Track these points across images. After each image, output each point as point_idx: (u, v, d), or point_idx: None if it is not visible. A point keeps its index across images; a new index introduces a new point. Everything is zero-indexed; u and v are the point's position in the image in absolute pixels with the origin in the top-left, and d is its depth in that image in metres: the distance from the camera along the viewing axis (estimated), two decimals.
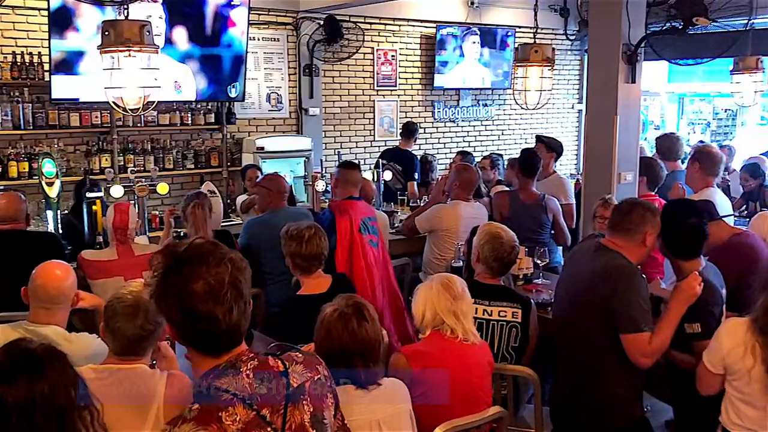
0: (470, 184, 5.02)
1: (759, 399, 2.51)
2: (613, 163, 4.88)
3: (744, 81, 5.29)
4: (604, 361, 2.95)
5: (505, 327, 3.31)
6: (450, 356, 2.80)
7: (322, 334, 2.38)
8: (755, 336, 2.50)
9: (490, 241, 3.40)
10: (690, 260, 3.00)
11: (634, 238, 2.95)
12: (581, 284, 3.02)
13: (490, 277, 3.43)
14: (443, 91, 8.79)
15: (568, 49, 9.62)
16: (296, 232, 3.35)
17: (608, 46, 4.85)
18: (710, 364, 2.64)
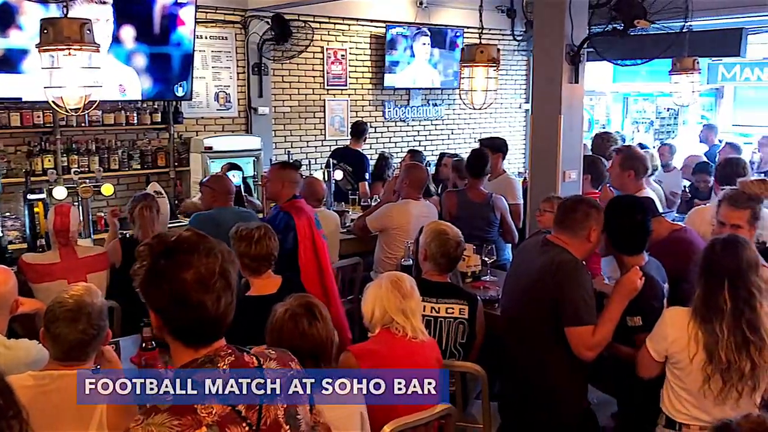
0: (420, 183, 5.07)
1: (701, 387, 2.59)
2: (558, 162, 4.98)
3: (682, 81, 5.46)
4: (550, 355, 3.00)
5: (452, 324, 3.36)
6: (399, 354, 2.82)
7: (274, 334, 2.36)
8: (697, 325, 2.60)
9: (436, 238, 3.45)
10: (634, 256, 3.07)
11: (579, 234, 3.01)
12: (528, 280, 3.07)
13: (438, 275, 3.47)
14: (393, 91, 8.83)
15: (515, 50, 9.77)
16: (245, 233, 3.32)
17: (552, 46, 4.95)
18: (654, 352, 2.72)
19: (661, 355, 2.71)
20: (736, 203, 3.31)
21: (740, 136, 11.49)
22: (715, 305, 2.57)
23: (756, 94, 15.48)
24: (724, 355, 2.53)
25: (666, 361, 2.72)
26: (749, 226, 3.28)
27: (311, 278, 4.18)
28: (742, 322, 2.54)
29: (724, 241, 2.68)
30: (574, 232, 3.02)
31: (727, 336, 2.54)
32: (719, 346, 2.54)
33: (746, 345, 2.53)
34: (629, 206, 3.23)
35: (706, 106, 16.49)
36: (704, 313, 2.59)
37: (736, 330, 2.54)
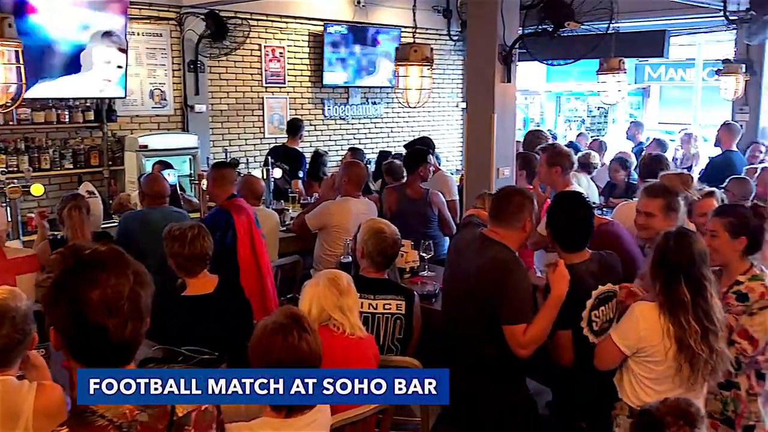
0: (359, 181, 5.10)
1: (673, 376, 2.70)
2: (492, 159, 5.10)
3: (609, 81, 5.66)
4: (489, 350, 3.04)
5: (390, 319, 3.38)
6: (337, 351, 2.82)
7: (260, 350, 2.21)
8: (667, 318, 2.69)
9: (373, 236, 3.46)
10: (576, 252, 3.12)
11: (515, 226, 3.05)
12: (469, 278, 3.09)
13: (375, 272, 3.49)
14: (333, 89, 8.84)
15: (451, 50, 9.92)
16: (179, 233, 3.26)
17: (485, 47, 5.06)
18: (625, 347, 2.77)
19: (632, 349, 2.76)
20: (650, 192, 3.45)
21: (665, 134, 11.93)
22: (677, 298, 2.67)
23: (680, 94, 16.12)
24: (694, 344, 2.64)
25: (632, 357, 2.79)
26: (663, 215, 3.40)
27: (250, 277, 4.18)
28: (699, 312, 2.66)
29: (676, 235, 2.77)
30: (510, 224, 3.06)
31: (690, 326, 2.65)
32: (687, 336, 2.65)
33: (706, 333, 2.65)
34: (572, 202, 3.27)
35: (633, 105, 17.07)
36: (670, 306, 2.69)
37: (697, 320, 2.65)
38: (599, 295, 3.06)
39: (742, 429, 3.04)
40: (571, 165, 4.52)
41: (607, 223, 3.88)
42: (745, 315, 3.01)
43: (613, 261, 3.20)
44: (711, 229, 3.11)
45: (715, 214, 3.17)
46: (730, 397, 3.05)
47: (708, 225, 3.16)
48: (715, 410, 3.03)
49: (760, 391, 3.09)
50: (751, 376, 3.07)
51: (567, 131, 15.81)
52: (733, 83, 7.51)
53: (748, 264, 3.11)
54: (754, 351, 3.00)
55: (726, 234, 3.07)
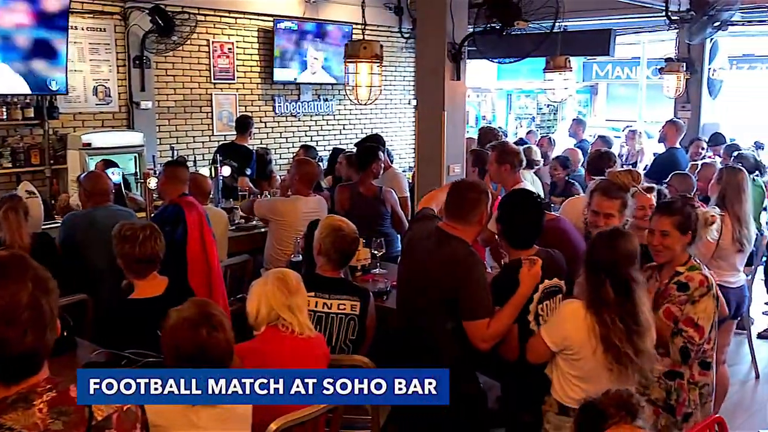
0: (310, 178, 5.08)
1: (599, 375, 2.73)
2: (443, 157, 5.13)
3: (555, 79, 5.75)
4: (445, 346, 3.04)
5: (344, 320, 3.36)
6: (286, 351, 2.80)
7: (170, 344, 2.21)
8: (591, 317, 2.73)
9: (331, 233, 3.43)
10: (525, 250, 3.15)
11: (471, 220, 3.07)
12: (426, 271, 3.08)
13: (331, 270, 3.46)
14: (283, 86, 8.76)
15: (403, 47, 9.92)
16: (130, 233, 3.16)
17: (435, 44, 5.08)
18: (551, 344, 2.81)
19: (558, 346, 2.81)
20: (608, 193, 3.50)
21: (612, 130, 12.20)
22: (602, 296, 2.71)
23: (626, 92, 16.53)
24: (618, 341, 2.68)
25: (560, 354, 2.83)
26: (620, 214, 3.49)
27: (198, 276, 4.11)
28: (624, 312, 2.70)
29: (604, 235, 2.83)
30: (466, 218, 3.07)
31: (615, 325, 2.69)
32: (611, 334, 2.69)
33: (630, 333, 2.70)
34: (523, 201, 3.30)
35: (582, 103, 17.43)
36: (595, 305, 2.73)
37: (621, 319, 2.70)
38: (545, 289, 3.10)
39: (682, 416, 3.13)
40: (520, 163, 4.58)
41: (555, 219, 3.93)
42: (688, 304, 3.10)
43: (558, 257, 3.24)
44: (661, 229, 3.16)
45: (662, 213, 3.21)
46: (674, 386, 3.13)
47: (655, 224, 3.21)
48: (659, 398, 3.10)
49: (701, 380, 3.19)
50: (693, 365, 3.16)
51: (518, 128, 16.04)
52: (675, 81, 7.72)
53: (687, 255, 3.20)
54: (701, 338, 3.08)
55: (677, 232, 3.14)
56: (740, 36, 10.57)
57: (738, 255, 4.38)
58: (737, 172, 4.47)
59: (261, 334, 2.86)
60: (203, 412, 2.24)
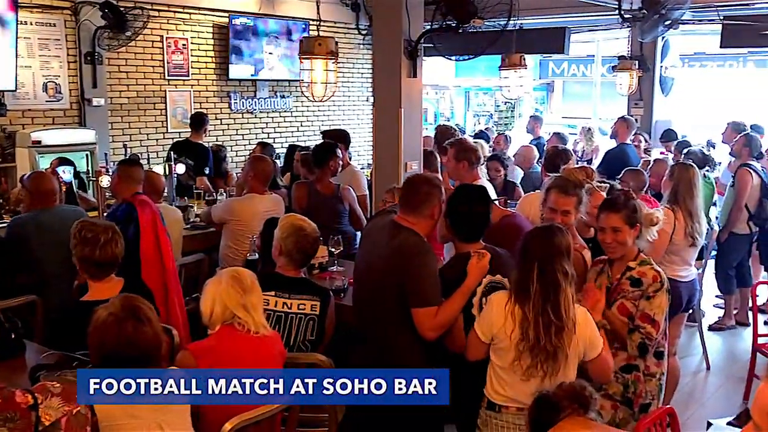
0: (266, 176, 5.02)
1: (511, 363, 2.75)
2: (400, 153, 5.13)
3: (511, 76, 5.80)
4: (400, 337, 3.04)
5: (303, 320, 3.35)
6: (241, 350, 2.79)
7: (96, 340, 2.24)
8: (513, 306, 2.75)
9: (293, 233, 3.41)
10: (472, 243, 3.19)
11: (424, 213, 3.08)
12: (379, 263, 3.10)
13: (292, 270, 3.45)
14: (239, 82, 8.66)
15: (360, 44, 9.91)
16: (91, 236, 3.09)
17: (391, 41, 5.08)
18: (481, 333, 2.84)
19: (488, 336, 2.83)
20: (565, 191, 3.52)
21: (569, 127, 12.38)
22: (526, 288, 2.73)
23: (581, 89, 16.82)
24: (533, 333, 2.70)
25: (491, 346, 2.85)
26: (575, 210, 3.53)
27: (153, 276, 4.03)
28: (548, 305, 2.71)
29: (539, 230, 2.87)
30: (419, 212, 3.08)
31: (535, 317, 2.71)
32: (529, 325, 2.71)
33: (550, 327, 2.70)
34: (471, 195, 3.32)
35: (539, 100, 17.67)
36: (519, 295, 2.76)
37: (543, 312, 2.71)
38: (489, 283, 3.12)
39: (639, 408, 3.19)
40: (477, 159, 4.61)
41: (510, 216, 3.97)
42: (642, 299, 3.15)
43: (504, 255, 3.24)
44: (612, 226, 3.20)
45: (610, 211, 3.24)
46: (630, 379, 3.19)
47: (604, 222, 3.24)
48: (616, 392, 3.15)
49: (656, 370, 3.25)
50: (648, 357, 3.22)
51: (476, 126, 16.16)
52: (628, 79, 7.87)
53: (636, 250, 3.26)
54: (658, 333, 3.15)
55: (626, 226, 3.20)
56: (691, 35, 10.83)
57: (690, 249, 4.48)
58: (688, 169, 4.57)
59: (215, 334, 2.83)
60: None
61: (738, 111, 9.03)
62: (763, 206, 5.99)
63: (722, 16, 7.58)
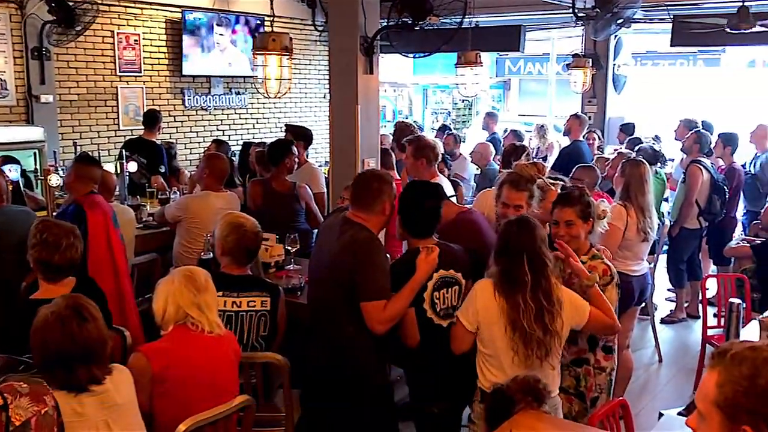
0: (221, 173, 4.95)
1: (513, 358, 2.79)
2: (357, 151, 5.11)
3: (467, 73, 5.82)
4: (350, 334, 3.03)
5: (254, 317, 3.32)
6: (195, 350, 2.76)
7: (38, 338, 2.19)
8: (502, 298, 2.81)
9: (233, 231, 3.37)
10: (424, 239, 3.20)
11: (375, 209, 3.09)
12: (330, 259, 3.09)
13: (237, 268, 3.41)
14: (193, 79, 8.52)
15: (317, 40, 9.84)
16: (52, 239, 2.98)
17: (347, 38, 5.04)
18: (467, 323, 2.88)
19: (473, 324, 2.88)
20: (517, 186, 3.58)
21: (525, 125, 12.52)
22: (518, 278, 2.79)
23: (537, 87, 17.04)
24: (526, 323, 2.76)
25: (477, 335, 2.90)
26: (527, 205, 3.58)
27: (104, 278, 3.93)
28: (539, 293, 2.79)
29: (519, 222, 2.93)
30: (370, 208, 3.08)
31: (527, 306, 2.77)
32: (521, 316, 2.77)
33: (542, 313, 2.78)
34: (422, 192, 3.34)
35: (495, 98, 17.84)
36: (507, 287, 2.81)
37: (534, 300, 2.78)
38: (441, 278, 3.15)
39: (590, 401, 3.24)
40: (435, 157, 4.62)
41: (466, 212, 3.99)
42: None
43: (457, 251, 3.28)
44: (566, 220, 3.26)
45: (564, 205, 3.31)
46: (582, 373, 3.24)
47: (558, 216, 3.31)
48: (569, 386, 3.21)
49: (606, 364, 3.31)
50: (597, 351, 3.27)
51: (434, 123, 16.23)
52: (581, 77, 7.99)
53: (589, 244, 3.32)
54: None
55: (580, 220, 3.27)
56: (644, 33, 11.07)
57: (642, 244, 4.56)
58: (639, 165, 4.65)
59: (169, 334, 2.79)
60: (86, 400, 2.23)
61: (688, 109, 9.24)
62: (713, 202, 6.14)
63: (672, 16, 7.74)
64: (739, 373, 1.42)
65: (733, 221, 6.75)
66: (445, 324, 3.14)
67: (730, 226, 6.62)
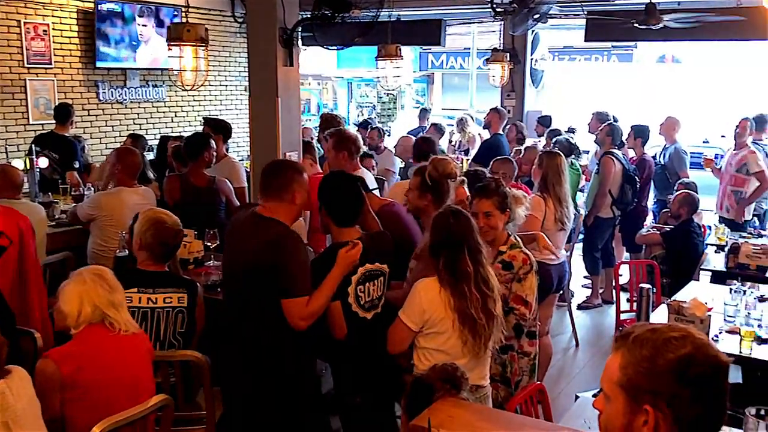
0: (134, 169, 4.79)
1: (462, 349, 2.83)
2: (278, 144, 5.05)
3: (387, 67, 5.84)
4: (271, 332, 2.98)
5: (171, 313, 3.26)
6: (108, 351, 2.68)
7: None
8: (447, 292, 2.83)
9: (152, 227, 3.30)
10: (348, 227, 3.20)
11: (285, 198, 2.99)
12: (246, 257, 3.00)
13: (154, 264, 3.33)
14: (108, 71, 8.22)
15: (237, 32, 9.66)
16: None
17: (266, 30, 4.97)
18: (412, 323, 2.87)
19: (418, 324, 2.87)
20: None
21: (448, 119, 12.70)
22: (462, 269, 2.83)
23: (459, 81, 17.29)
24: (474, 313, 2.81)
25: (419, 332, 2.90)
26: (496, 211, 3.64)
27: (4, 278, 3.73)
28: (479, 280, 2.84)
29: (453, 214, 2.94)
30: (280, 197, 2.99)
31: (473, 296, 2.82)
32: (469, 306, 2.81)
33: (486, 301, 2.84)
34: (343, 181, 3.34)
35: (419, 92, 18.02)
36: (451, 279, 2.84)
37: (478, 289, 2.83)
38: (366, 272, 3.15)
39: (515, 385, 3.33)
40: (357, 149, 4.62)
41: (389, 204, 4.03)
42: (514, 282, 3.29)
43: (384, 243, 3.30)
44: (484, 211, 3.33)
45: (482, 196, 3.39)
46: (507, 359, 3.32)
47: (476, 207, 3.37)
48: (495, 373, 3.28)
49: (530, 350, 3.40)
50: (522, 337, 3.36)
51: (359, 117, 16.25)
52: (500, 71, 8.15)
53: (506, 234, 3.40)
54: (531, 313, 3.29)
55: (497, 211, 3.35)
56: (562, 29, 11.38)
57: (560, 234, 4.71)
58: (555, 156, 4.79)
59: (79, 335, 2.69)
60: None
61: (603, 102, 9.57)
62: (625, 191, 6.40)
63: (586, 11, 7.99)
64: (640, 354, 1.46)
65: (644, 210, 7.06)
66: (369, 316, 3.16)
67: (641, 215, 6.91)
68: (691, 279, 5.28)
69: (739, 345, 3.64)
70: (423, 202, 3.56)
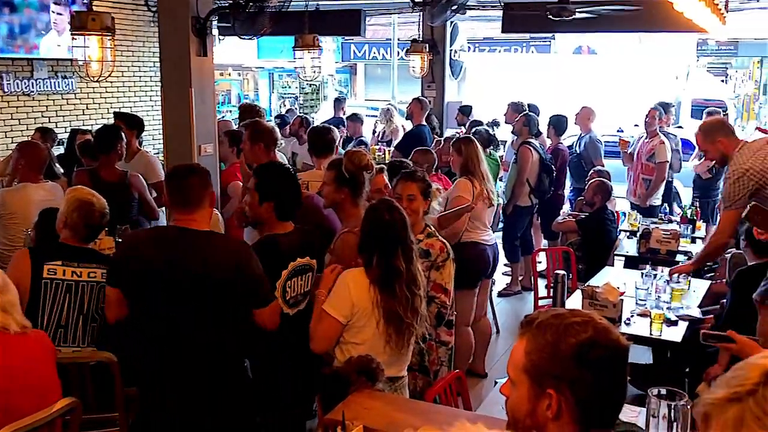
0: (38, 163, 4.58)
1: (384, 347, 2.80)
2: (192, 136, 4.92)
3: (305, 57, 5.77)
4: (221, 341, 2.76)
5: (95, 288, 3.27)
6: (7, 353, 2.52)
7: None
8: (377, 289, 2.79)
9: (80, 207, 3.30)
10: (287, 221, 3.15)
11: (204, 205, 2.81)
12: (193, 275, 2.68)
13: (78, 242, 3.33)
14: (12, 61, 7.80)
15: (150, 21, 9.34)
16: None
17: (178, 18, 4.83)
18: (342, 316, 2.79)
19: (348, 317, 2.80)
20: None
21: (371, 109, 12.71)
22: (394, 267, 2.79)
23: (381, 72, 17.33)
24: (402, 312, 2.78)
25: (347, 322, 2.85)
26: None
27: None
28: (409, 279, 2.82)
29: (388, 208, 2.88)
30: (200, 205, 2.79)
31: (402, 295, 2.79)
32: (397, 305, 2.78)
33: (413, 299, 2.82)
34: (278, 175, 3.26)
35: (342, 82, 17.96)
36: (383, 277, 2.79)
37: (408, 287, 2.81)
38: (295, 267, 3.11)
39: (433, 374, 3.36)
40: (274, 141, 4.54)
41: (310, 197, 4.00)
42: (432, 270, 3.31)
43: (313, 237, 3.28)
44: (408, 194, 3.39)
45: (408, 180, 3.44)
46: (425, 348, 3.34)
47: (401, 190, 3.43)
48: (414, 362, 3.28)
49: (447, 339, 3.43)
50: (441, 327, 3.40)
51: (281, 108, 16.06)
52: (420, 62, 8.19)
53: (424, 224, 3.43)
54: (450, 300, 3.33)
55: (421, 197, 3.41)
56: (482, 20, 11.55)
57: (489, 211, 4.78)
58: (471, 141, 4.86)
59: None
60: None
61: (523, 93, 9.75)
62: (542, 180, 6.55)
63: (503, 3, 8.11)
64: (543, 340, 1.49)
65: (561, 198, 7.25)
66: (292, 312, 3.11)
67: (558, 203, 7.10)
68: (606, 264, 5.47)
69: (649, 327, 3.78)
70: (340, 195, 3.53)
